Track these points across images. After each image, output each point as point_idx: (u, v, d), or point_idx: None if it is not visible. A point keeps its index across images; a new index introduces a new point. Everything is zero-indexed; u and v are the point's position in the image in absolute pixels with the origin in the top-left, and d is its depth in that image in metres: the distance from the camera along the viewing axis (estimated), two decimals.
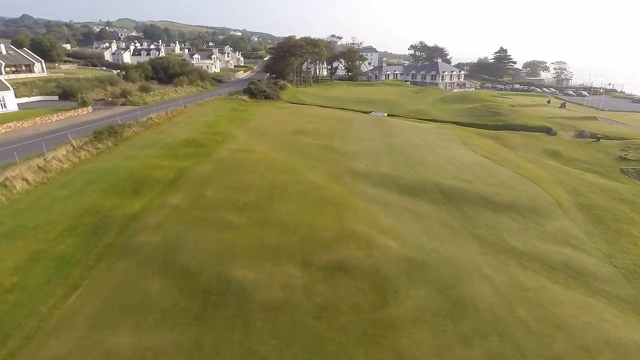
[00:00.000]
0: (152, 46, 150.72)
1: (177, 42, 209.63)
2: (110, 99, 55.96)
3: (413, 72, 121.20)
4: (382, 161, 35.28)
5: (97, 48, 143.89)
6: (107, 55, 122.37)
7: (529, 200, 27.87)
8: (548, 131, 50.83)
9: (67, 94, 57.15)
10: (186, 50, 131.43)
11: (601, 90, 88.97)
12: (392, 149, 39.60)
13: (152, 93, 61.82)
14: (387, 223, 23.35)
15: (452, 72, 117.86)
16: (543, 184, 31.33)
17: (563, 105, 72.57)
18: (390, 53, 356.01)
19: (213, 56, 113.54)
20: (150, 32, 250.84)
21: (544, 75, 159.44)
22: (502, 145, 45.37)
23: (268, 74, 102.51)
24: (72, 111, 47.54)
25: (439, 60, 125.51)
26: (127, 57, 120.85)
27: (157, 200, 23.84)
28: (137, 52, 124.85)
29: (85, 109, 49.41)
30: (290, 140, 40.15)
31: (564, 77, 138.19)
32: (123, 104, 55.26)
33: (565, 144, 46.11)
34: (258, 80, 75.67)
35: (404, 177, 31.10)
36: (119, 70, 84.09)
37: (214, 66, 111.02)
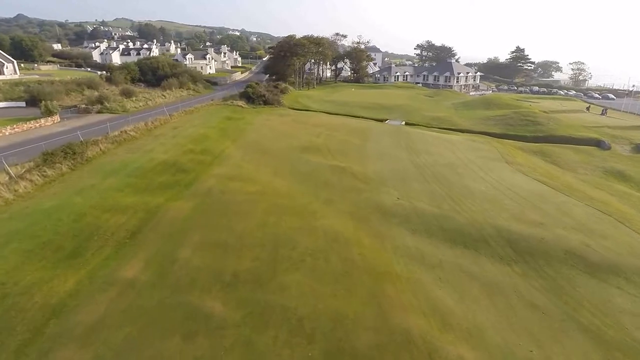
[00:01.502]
0: (146, 45, 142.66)
1: (172, 41, 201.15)
2: (84, 105, 48.07)
3: (425, 73, 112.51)
4: (415, 190, 27.50)
5: (85, 47, 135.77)
6: (96, 55, 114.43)
7: (632, 256, 20.09)
8: (598, 144, 43.13)
9: (35, 100, 49.21)
10: (179, 50, 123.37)
11: None
12: (423, 171, 31.82)
13: (134, 98, 53.92)
14: (449, 305, 15.57)
15: (468, 73, 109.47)
16: (636, 225, 23.53)
17: (604, 112, 64.79)
18: (392, 53, 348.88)
19: (208, 56, 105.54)
20: (145, 32, 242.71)
21: (557, 76, 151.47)
22: (552, 163, 37.59)
23: (267, 75, 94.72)
24: (33, 121, 39.69)
25: (452, 61, 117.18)
26: (116, 57, 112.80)
27: (105, 270, 15.99)
28: (126, 52, 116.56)
29: (50, 118, 41.55)
30: (297, 161, 32.34)
31: (582, 78, 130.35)
32: (99, 112, 47.42)
33: (626, 161, 38.36)
34: (256, 83, 67.83)
35: (451, 218, 23.28)
36: (103, 72, 76.29)
37: (209, 67, 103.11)
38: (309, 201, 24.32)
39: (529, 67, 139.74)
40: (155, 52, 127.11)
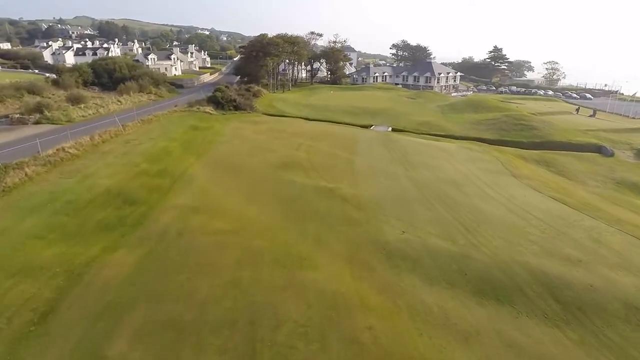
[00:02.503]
0: (105, 45, 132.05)
1: (136, 41, 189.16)
2: (18, 115, 40.64)
3: (404, 73, 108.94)
4: (421, 218, 22.88)
5: (36, 47, 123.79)
6: (47, 56, 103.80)
7: None
8: (600, 150, 40.40)
9: None
10: (139, 50, 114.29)
11: (631, 96, 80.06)
12: (424, 190, 27.32)
13: (83, 105, 46.66)
14: None
15: (448, 73, 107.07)
16: None
17: (594, 114, 63.12)
18: (365, 53, 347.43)
19: (173, 56, 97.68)
20: (107, 30, 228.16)
21: (530, 75, 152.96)
22: (559, 174, 34.20)
23: (238, 77, 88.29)
24: None
25: (432, 61, 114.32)
26: (69, 58, 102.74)
27: None
28: (81, 52, 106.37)
29: None
30: (275, 182, 27.07)
31: (555, 77, 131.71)
32: (37, 122, 40.11)
33: (635, 170, 35.57)
34: (226, 86, 61.73)
35: (472, 257, 18.75)
36: (50, 74, 67.83)
37: (174, 68, 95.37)
38: (293, 240, 19.19)
39: (507, 67, 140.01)
40: (116, 52, 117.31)
